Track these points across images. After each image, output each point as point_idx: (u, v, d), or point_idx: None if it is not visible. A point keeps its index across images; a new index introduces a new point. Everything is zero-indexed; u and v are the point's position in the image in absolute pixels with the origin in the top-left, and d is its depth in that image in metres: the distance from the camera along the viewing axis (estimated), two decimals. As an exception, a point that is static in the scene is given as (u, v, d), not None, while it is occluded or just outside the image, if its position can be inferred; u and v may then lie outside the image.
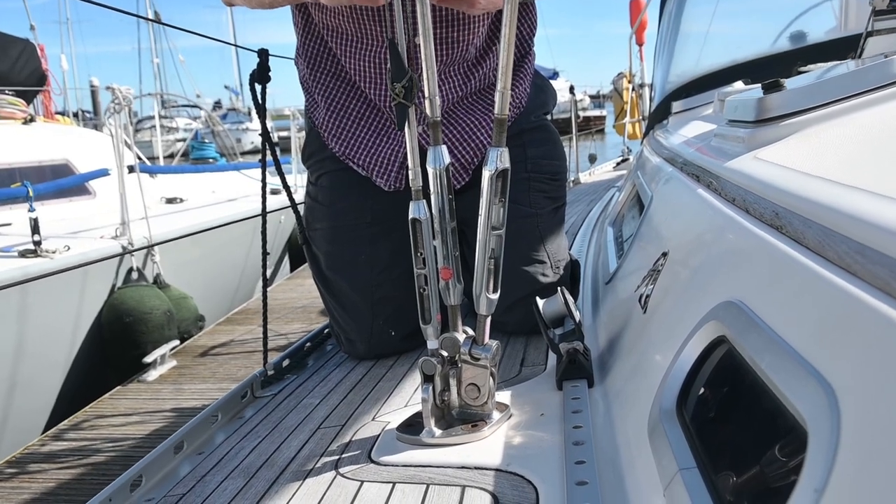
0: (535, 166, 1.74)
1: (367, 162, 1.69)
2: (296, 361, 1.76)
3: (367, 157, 1.69)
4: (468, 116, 1.70)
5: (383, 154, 1.68)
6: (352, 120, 1.70)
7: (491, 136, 1.68)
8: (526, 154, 1.72)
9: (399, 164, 1.67)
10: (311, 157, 1.79)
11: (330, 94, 1.71)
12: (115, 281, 5.30)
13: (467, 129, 1.69)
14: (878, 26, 1.77)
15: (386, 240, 1.67)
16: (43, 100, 8.99)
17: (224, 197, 7.36)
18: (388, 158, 1.67)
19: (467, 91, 1.69)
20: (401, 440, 1.13)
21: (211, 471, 1.17)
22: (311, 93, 1.76)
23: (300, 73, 1.78)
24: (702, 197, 1.16)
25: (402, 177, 1.67)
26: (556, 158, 1.82)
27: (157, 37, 30.03)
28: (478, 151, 1.70)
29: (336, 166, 1.72)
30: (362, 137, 1.69)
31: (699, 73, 2.84)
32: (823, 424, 0.50)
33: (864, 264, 0.56)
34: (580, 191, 5.29)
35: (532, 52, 1.81)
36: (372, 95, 1.67)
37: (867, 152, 0.89)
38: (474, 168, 1.71)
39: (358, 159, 1.70)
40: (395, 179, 1.68)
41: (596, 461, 0.94)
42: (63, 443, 3.76)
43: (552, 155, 1.80)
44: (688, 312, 0.89)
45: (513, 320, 1.62)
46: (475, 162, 1.70)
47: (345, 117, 1.70)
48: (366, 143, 1.69)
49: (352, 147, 1.70)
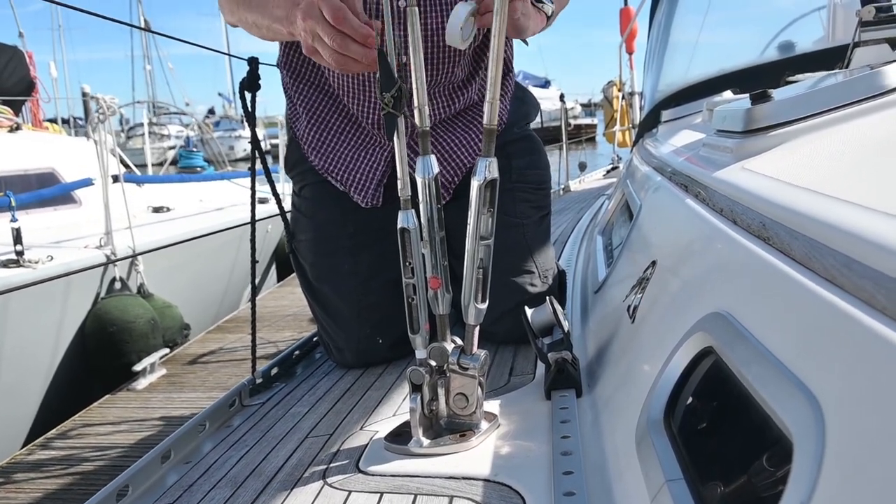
0: (521, 176, 1.75)
1: (345, 177, 1.69)
2: (284, 370, 1.75)
3: (346, 173, 1.69)
4: (449, 136, 1.71)
5: (362, 170, 1.68)
6: (332, 133, 1.70)
7: (473, 155, 1.70)
8: (511, 165, 1.72)
9: (377, 181, 1.68)
10: (294, 167, 1.79)
11: (312, 105, 1.71)
12: (98, 290, 5.27)
13: (448, 148, 1.70)
14: (864, 37, 1.78)
15: (369, 249, 1.67)
16: (31, 107, 8.95)
17: (211, 206, 7.34)
18: (366, 175, 1.68)
19: (451, 112, 1.70)
20: (389, 450, 1.13)
21: (198, 480, 1.17)
22: (294, 102, 1.76)
23: (283, 80, 1.78)
24: (690, 207, 1.16)
25: (378, 194, 1.68)
26: (541, 168, 1.83)
27: (149, 45, 30.01)
28: (459, 171, 1.71)
29: (317, 178, 1.72)
30: (342, 152, 1.70)
31: (688, 83, 2.86)
32: (809, 436, 0.50)
33: (850, 277, 0.56)
34: (570, 199, 5.30)
35: (512, 70, 1.84)
36: (354, 110, 1.67)
37: (854, 164, 0.90)
38: (455, 187, 1.72)
39: (336, 174, 1.70)
40: (371, 196, 1.68)
41: (584, 472, 0.94)
42: (51, 451, 3.73)
43: (536, 164, 1.81)
44: (675, 323, 0.90)
45: (502, 330, 1.62)
46: (456, 181, 1.72)
47: (325, 130, 1.70)
48: (345, 159, 1.69)
49: (331, 161, 1.70)
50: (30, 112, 8.93)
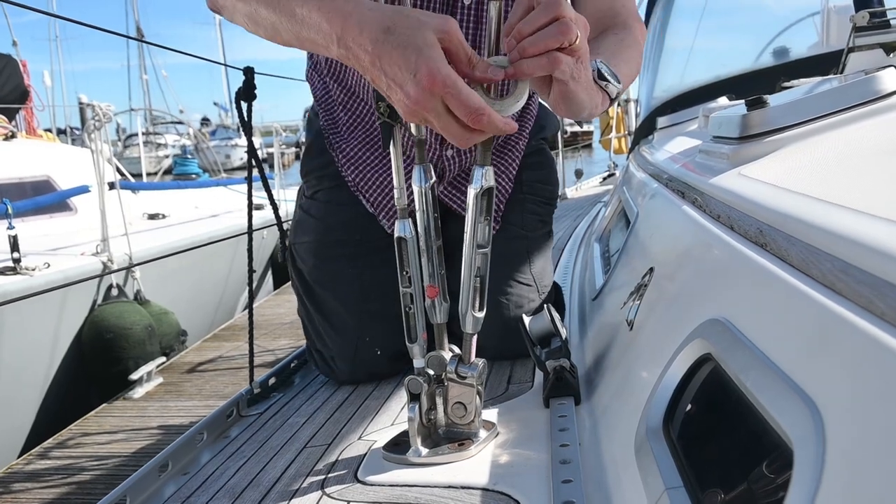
0: (531, 189, 1.74)
1: (378, 200, 1.66)
2: (282, 379, 1.74)
3: (380, 196, 1.66)
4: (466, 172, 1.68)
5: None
6: (376, 154, 1.67)
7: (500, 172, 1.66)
8: (522, 177, 1.72)
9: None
10: (311, 172, 1.76)
11: (357, 120, 1.68)
12: (95, 297, 5.27)
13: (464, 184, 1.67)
14: (858, 42, 1.79)
15: (374, 256, 1.64)
16: (25, 116, 8.95)
17: (207, 213, 7.35)
18: None
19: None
20: (387, 459, 1.13)
21: (196, 491, 1.16)
22: (332, 112, 1.71)
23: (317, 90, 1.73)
24: (687, 213, 1.16)
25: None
26: (551, 183, 1.82)
27: (144, 54, 30.04)
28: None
29: (334, 183, 1.70)
30: (380, 174, 1.66)
31: (684, 89, 2.87)
32: (809, 443, 0.50)
33: (848, 283, 0.56)
34: (567, 206, 5.30)
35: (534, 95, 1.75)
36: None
37: (850, 169, 0.90)
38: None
39: (369, 195, 1.66)
40: None
41: (583, 480, 0.94)
42: (48, 461, 3.72)
43: (547, 179, 1.81)
44: (673, 330, 0.90)
45: (497, 345, 1.60)
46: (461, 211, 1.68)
47: (369, 149, 1.67)
48: (381, 182, 1.66)
49: (367, 180, 1.66)
50: (24, 120, 8.93)
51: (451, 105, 0.91)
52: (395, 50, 0.91)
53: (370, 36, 0.93)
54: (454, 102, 0.90)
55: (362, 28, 0.94)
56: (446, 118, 0.92)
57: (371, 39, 0.93)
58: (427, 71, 0.88)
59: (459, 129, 0.93)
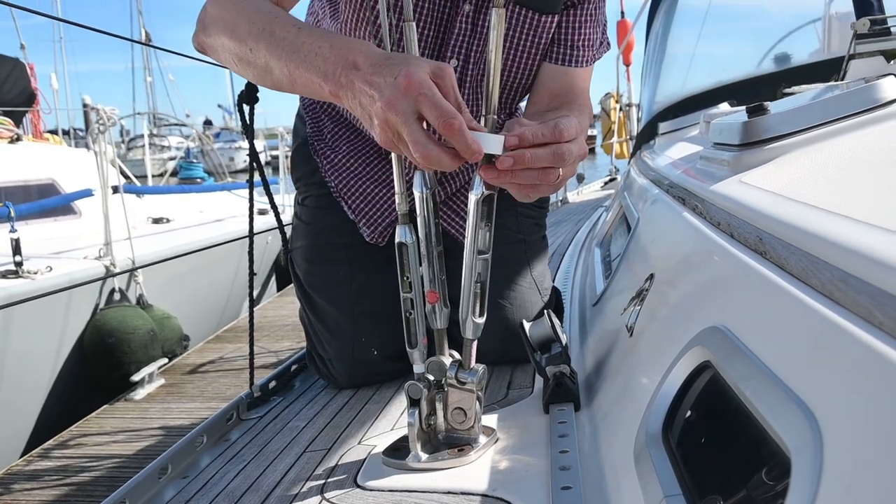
0: None
1: (358, 206, 1.67)
2: (282, 383, 1.74)
3: (361, 202, 1.67)
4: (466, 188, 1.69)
5: (377, 205, 1.66)
6: (357, 160, 1.68)
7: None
8: None
9: (389, 221, 1.65)
10: (301, 179, 1.78)
11: (340, 128, 1.69)
12: (98, 301, 5.27)
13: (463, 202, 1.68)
14: (859, 49, 1.79)
15: (367, 259, 1.66)
16: (32, 119, 8.98)
17: (211, 217, 7.36)
18: (380, 211, 1.66)
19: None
20: (387, 464, 1.13)
21: (195, 495, 1.16)
22: (318, 120, 1.73)
23: (304, 98, 1.75)
24: (687, 220, 1.16)
25: (387, 234, 1.65)
26: None
27: (149, 56, 30.10)
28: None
29: (321, 189, 1.71)
30: (362, 182, 1.67)
31: (685, 95, 2.87)
32: (806, 452, 0.50)
33: (847, 292, 0.56)
34: (568, 210, 5.30)
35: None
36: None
37: (850, 178, 0.90)
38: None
39: (350, 201, 1.67)
40: (380, 234, 1.66)
41: (582, 486, 0.94)
42: (49, 462, 3.73)
43: None
44: (673, 337, 0.90)
45: (499, 349, 1.60)
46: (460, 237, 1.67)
47: (351, 156, 1.68)
48: (362, 188, 1.67)
49: (348, 186, 1.68)
50: (30, 123, 8.97)
51: (423, 108, 0.91)
52: (388, 68, 0.96)
53: (371, 61, 0.99)
54: (427, 104, 0.91)
55: (367, 56, 1.00)
56: (414, 125, 0.92)
57: (371, 63, 0.99)
58: (406, 73, 0.92)
59: (426, 139, 0.93)
